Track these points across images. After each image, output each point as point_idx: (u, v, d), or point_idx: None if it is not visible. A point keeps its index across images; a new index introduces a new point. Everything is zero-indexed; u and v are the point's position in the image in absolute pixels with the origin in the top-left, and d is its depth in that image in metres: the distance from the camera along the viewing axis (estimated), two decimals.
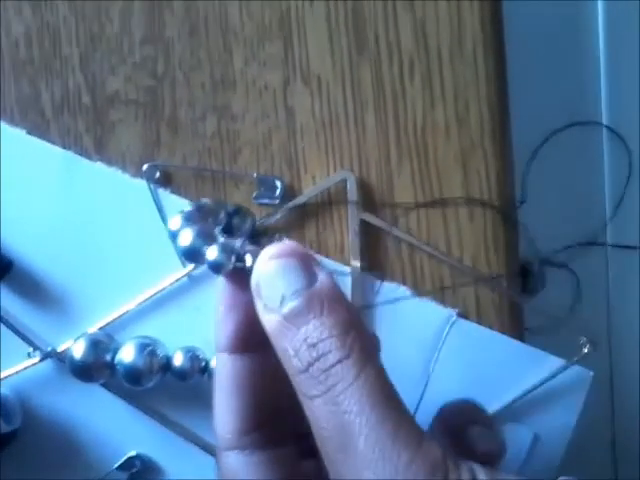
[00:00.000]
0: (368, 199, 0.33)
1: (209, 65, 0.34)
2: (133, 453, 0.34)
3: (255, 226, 0.27)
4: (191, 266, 0.33)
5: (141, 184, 0.34)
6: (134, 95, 0.34)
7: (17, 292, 0.34)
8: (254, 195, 0.34)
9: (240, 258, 0.23)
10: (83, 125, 0.34)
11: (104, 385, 0.33)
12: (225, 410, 0.24)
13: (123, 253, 0.34)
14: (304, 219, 0.34)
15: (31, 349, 0.33)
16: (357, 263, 0.33)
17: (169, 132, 0.34)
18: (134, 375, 0.31)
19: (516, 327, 0.34)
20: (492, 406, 0.33)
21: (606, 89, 0.40)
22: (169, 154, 0.34)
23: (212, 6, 0.34)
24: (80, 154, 0.34)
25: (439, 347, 0.33)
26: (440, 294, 0.34)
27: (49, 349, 0.33)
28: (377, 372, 0.21)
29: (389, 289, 0.33)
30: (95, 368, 0.32)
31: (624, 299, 0.42)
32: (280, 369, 0.22)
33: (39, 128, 0.35)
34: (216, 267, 0.23)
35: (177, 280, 0.33)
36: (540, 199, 0.38)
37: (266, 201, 0.34)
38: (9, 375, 0.33)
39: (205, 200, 0.28)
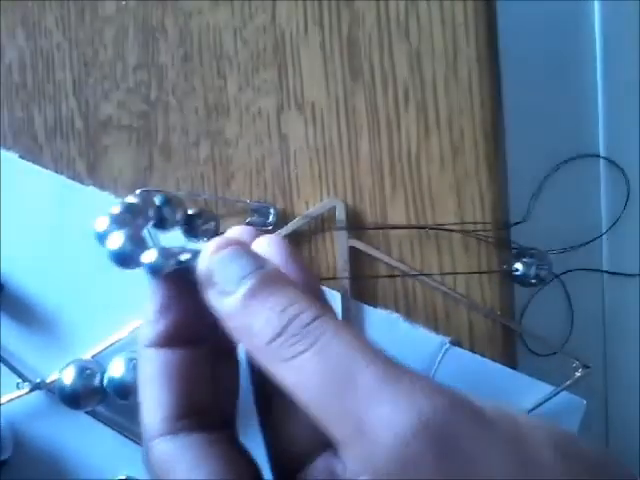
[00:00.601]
0: (361, 226, 0.33)
1: (203, 91, 0.34)
2: (123, 476, 0.34)
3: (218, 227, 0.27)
4: None
5: None
6: (127, 120, 0.34)
7: (7, 315, 0.34)
8: (247, 221, 0.34)
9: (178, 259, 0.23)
10: (76, 150, 0.34)
11: (91, 413, 0.33)
12: (155, 401, 0.23)
13: (113, 277, 0.34)
14: (296, 245, 0.34)
15: (20, 380, 0.33)
16: (346, 287, 0.33)
17: (162, 157, 0.34)
18: (123, 390, 0.31)
19: (509, 355, 0.34)
20: None
21: (603, 121, 0.40)
22: (162, 179, 0.34)
23: (206, 32, 0.34)
24: (73, 178, 0.34)
25: (432, 374, 0.33)
26: (433, 321, 0.34)
27: (38, 380, 0.33)
28: (350, 325, 0.21)
29: (381, 316, 0.33)
30: (84, 395, 0.32)
31: (619, 324, 0.42)
32: (209, 360, 0.23)
33: (32, 152, 0.35)
34: (155, 270, 0.23)
35: None
36: (538, 226, 0.38)
37: (260, 227, 0.34)
38: None
39: (132, 197, 0.27)
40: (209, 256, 0.22)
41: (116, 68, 0.34)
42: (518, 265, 0.34)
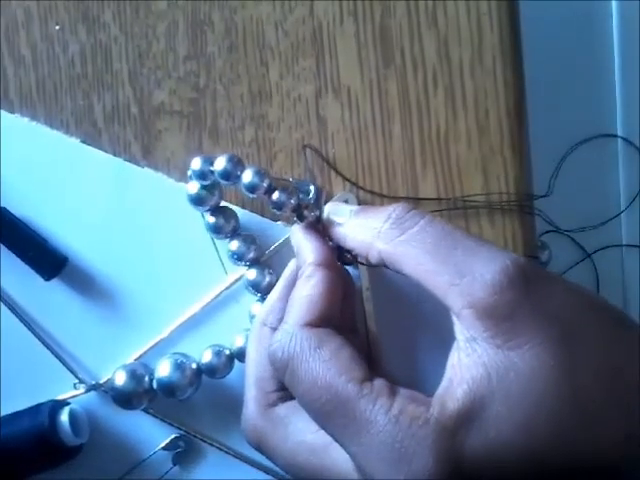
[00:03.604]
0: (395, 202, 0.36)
1: (247, 78, 0.37)
2: (177, 434, 0.37)
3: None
4: (233, 275, 0.36)
5: (185, 187, 0.36)
6: (178, 106, 0.37)
7: (71, 287, 0.37)
8: None
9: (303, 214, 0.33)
10: (132, 134, 0.37)
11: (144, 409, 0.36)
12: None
13: (168, 250, 0.37)
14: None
15: (76, 380, 0.36)
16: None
17: (210, 140, 0.37)
18: (171, 388, 0.34)
19: None
20: None
21: (621, 101, 0.42)
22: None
23: (250, 24, 0.37)
24: (129, 161, 0.37)
25: None
26: None
27: (93, 382, 0.36)
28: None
29: None
30: (135, 396, 0.34)
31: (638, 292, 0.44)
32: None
33: (92, 137, 0.38)
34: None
35: (220, 293, 0.36)
36: (561, 204, 0.41)
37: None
38: (62, 400, 0.36)
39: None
40: (329, 207, 0.32)
41: (168, 59, 0.37)
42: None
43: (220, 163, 0.33)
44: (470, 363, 0.24)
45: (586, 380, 0.24)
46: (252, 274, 0.34)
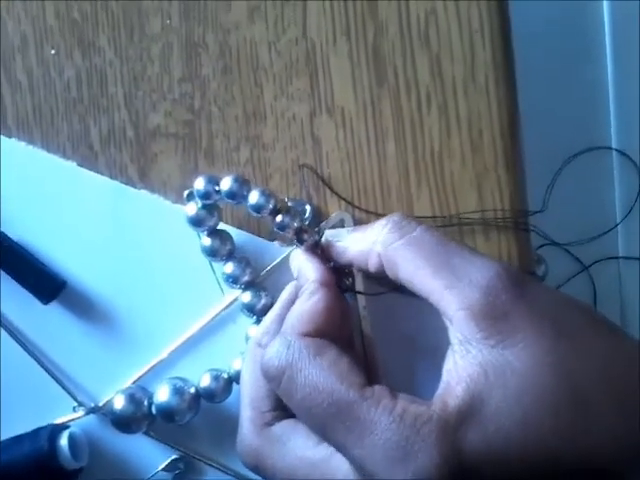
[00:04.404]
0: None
1: (242, 99, 0.37)
2: (176, 456, 0.37)
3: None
4: (230, 295, 0.36)
5: (181, 209, 0.37)
6: (174, 129, 0.37)
7: (69, 310, 0.38)
8: None
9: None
10: (128, 157, 0.38)
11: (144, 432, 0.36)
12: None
13: (165, 272, 0.37)
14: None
15: (75, 404, 0.36)
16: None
17: (206, 161, 0.37)
18: (170, 413, 0.34)
19: None
20: None
21: (615, 114, 0.42)
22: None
23: (244, 46, 0.37)
24: (126, 183, 0.37)
25: None
26: None
27: (92, 405, 0.36)
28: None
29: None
30: (134, 420, 0.34)
31: (636, 304, 0.44)
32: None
33: (88, 160, 0.38)
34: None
35: (217, 314, 0.36)
36: (557, 217, 0.41)
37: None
38: (61, 423, 0.36)
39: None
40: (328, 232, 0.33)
41: (163, 81, 0.37)
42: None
43: (226, 183, 0.33)
44: (466, 363, 0.25)
45: (582, 376, 0.25)
46: (247, 297, 0.35)
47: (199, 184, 0.34)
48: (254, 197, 0.33)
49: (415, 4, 0.36)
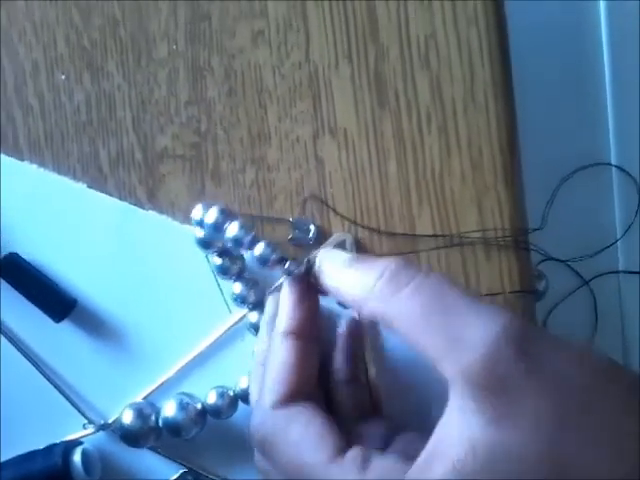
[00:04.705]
0: (391, 241, 0.37)
1: (247, 122, 0.38)
2: (185, 470, 0.37)
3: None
4: (237, 313, 0.37)
5: (189, 229, 0.38)
6: (181, 151, 0.38)
7: (80, 328, 0.38)
8: (290, 237, 0.37)
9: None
10: (136, 178, 0.39)
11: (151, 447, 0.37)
12: (278, 378, 0.30)
13: (173, 290, 0.38)
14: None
15: (86, 421, 0.37)
16: None
17: (213, 183, 0.38)
18: (176, 428, 0.35)
19: None
20: None
21: (614, 130, 0.43)
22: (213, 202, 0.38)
23: (248, 69, 0.38)
24: (134, 204, 0.38)
25: None
26: None
27: (102, 422, 0.37)
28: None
29: None
30: (142, 435, 0.35)
31: (637, 319, 0.44)
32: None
33: (98, 182, 0.39)
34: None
35: (225, 331, 0.37)
36: (557, 233, 0.41)
37: (301, 242, 0.37)
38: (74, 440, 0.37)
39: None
40: (321, 255, 0.31)
41: (170, 104, 0.38)
42: None
43: (211, 215, 0.34)
44: (456, 435, 0.23)
45: (587, 465, 0.22)
46: (254, 317, 0.35)
47: (196, 214, 0.35)
48: (232, 230, 0.34)
49: (415, 27, 0.37)
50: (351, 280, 0.28)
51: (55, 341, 0.38)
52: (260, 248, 0.34)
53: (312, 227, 0.37)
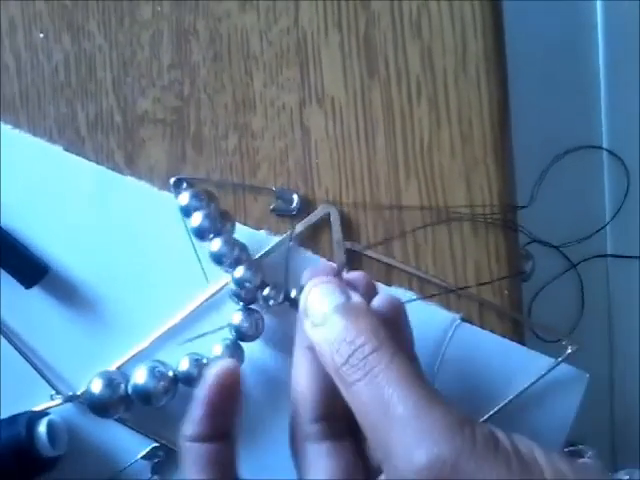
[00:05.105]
0: (377, 214, 0.36)
1: (231, 88, 0.37)
2: (156, 444, 0.36)
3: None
4: (215, 285, 0.36)
5: (168, 196, 0.36)
6: (162, 115, 0.37)
7: (52, 296, 0.37)
8: (272, 207, 0.36)
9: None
10: (115, 142, 0.37)
11: (120, 420, 0.36)
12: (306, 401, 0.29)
13: (150, 259, 0.37)
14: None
15: (53, 392, 0.36)
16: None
17: (194, 149, 0.37)
18: (146, 395, 0.34)
19: (516, 331, 0.36)
20: (493, 404, 0.35)
21: (606, 113, 0.42)
22: (194, 169, 0.37)
23: (235, 34, 0.37)
24: (112, 169, 0.37)
25: (443, 349, 0.35)
26: (445, 299, 0.36)
27: (70, 394, 0.36)
28: (406, 359, 0.25)
29: (395, 294, 0.36)
30: (111, 404, 0.34)
31: (624, 303, 0.44)
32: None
33: (75, 145, 0.37)
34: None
35: (202, 303, 0.36)
36: (546, 214, 0.41)
37: (283, 212, 0.36)
38: (40, 410, 0.36)
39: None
40: (307, 293, 0.28)
41: (152, 67, 0.37)
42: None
43: (196, 218, 0.34)
44: None
45: None
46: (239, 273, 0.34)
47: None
48: (216, 245, 0.33)
49: None
50: (327, 346, 0.26)
51: (25, 308, 0.37)
52: (240, 272, 0.33)
53: (295, 197, 0.36)
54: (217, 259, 0.34)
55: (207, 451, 0.28)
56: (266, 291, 0.33)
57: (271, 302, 0.34)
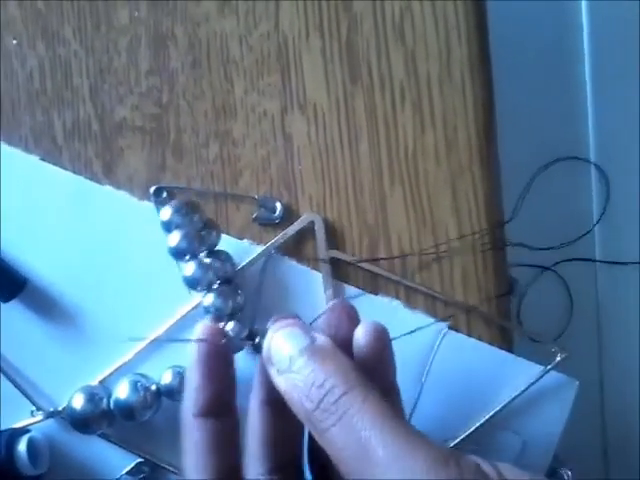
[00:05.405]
0: (362, 222, 0.35)
1: (211, 94, 0.36)
2: (141, 460, 0.35)
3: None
4: (198, 296, 0.35)
5: (148, 206, 0.36)
6: (140, 122, 0.36)
7: (30, 310, 0.36)
8: (254, 216, 0.36)
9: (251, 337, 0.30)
10: (93, 151, 0.36)
11: (103, 436, 0.35)
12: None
13: (130, 271, 0.36)
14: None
15: (34, 408, 0.35)
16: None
17: (174, 157, 0.36)
18: (129, 410, 0.33)
19: (504, 338, 0.36)
20: (483, 413, 0.34)
21: (592, 122, 0.42)
22: (174, 178, 0.36)
23: (214, 39, 0.36)
24: (90, 179, 0.36)
25: (431, 358, 0.35)
26: (432, 307, 0.36)
27: (51, 409, 0.35)
28: (380, 398, 0.24)
29: (381, 302, 0.35)
30: (93, 419, 0.33)
31: (612, 308, 0.44)
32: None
33: (51, 154, 0.36)
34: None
35: (185, 314, 0.35)
36: (532, 222, 0.40)
37: (266, 221, 0.36)
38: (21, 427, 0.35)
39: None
40: (270, 340, 0.27)
41: (130, 74, 0.36)
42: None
43: (174, 239, 0.33)
44: None
45: None
46: (209, 300, 0.33)
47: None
48: (190, 269, 0.32)
49: None
50: (295, 393, 0.25)
51: (3, 322, 0.36)
52: (230, 326, 0.33)
53: (279, 205, 0.35)
54: (190, 283, 0.33)
55: (211, 429, 0.27)
56: (230, 325, 0.32)
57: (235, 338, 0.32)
